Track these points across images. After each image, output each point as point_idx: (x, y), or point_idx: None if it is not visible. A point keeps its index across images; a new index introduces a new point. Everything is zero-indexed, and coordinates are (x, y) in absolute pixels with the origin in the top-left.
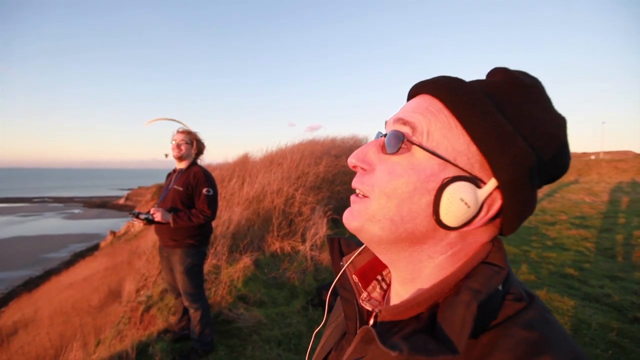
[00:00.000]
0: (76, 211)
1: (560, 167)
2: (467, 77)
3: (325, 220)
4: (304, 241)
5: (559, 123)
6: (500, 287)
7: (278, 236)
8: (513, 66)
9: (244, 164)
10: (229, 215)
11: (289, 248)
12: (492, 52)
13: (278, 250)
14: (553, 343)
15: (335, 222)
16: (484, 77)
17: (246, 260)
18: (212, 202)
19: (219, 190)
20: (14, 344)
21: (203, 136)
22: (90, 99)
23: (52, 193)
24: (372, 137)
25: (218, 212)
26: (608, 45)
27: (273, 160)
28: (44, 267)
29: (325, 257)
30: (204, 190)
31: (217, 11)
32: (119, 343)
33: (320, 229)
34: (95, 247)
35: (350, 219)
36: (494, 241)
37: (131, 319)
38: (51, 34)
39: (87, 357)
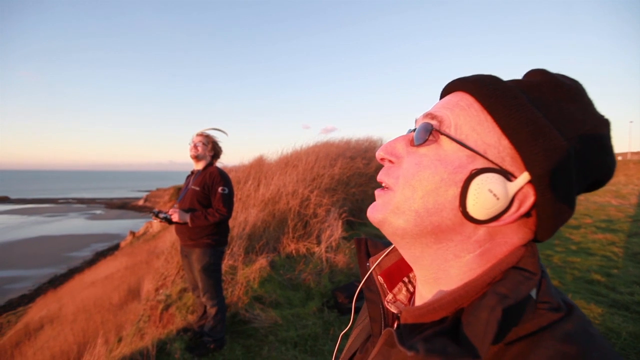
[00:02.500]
0: (98, 212)
1: (603, 170)
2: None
3: (340, 222)
4: (319, 243)
5: (601, 123)
6: (533, 295)
7: (293, 238)
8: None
9: (259, 166)
10: (245, 216)
11: (304, 250)
12: (522, 55)
13: (293, 251)
14: (594, 359)
15: (351, 224)
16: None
17: (262, 262)
18: (228, 200)
19: (235, 191)
20: (40, 339)
21: (221, 139)
22: (109, 102)
23: (76, 194)
24: (387, 138)
25: (234, 214)
26: (633, 45)
27: (288, 162)
28: (68, 265)
29: (340, 259)
30: (220, 189)
31: (232, 14)
32: (139, 340)
33: (335, 231)
34: (116, 247)
35: (374, 212)
36: (528, 245)
37: (151, 317)
38: (65, 35)
39: (110, 354)
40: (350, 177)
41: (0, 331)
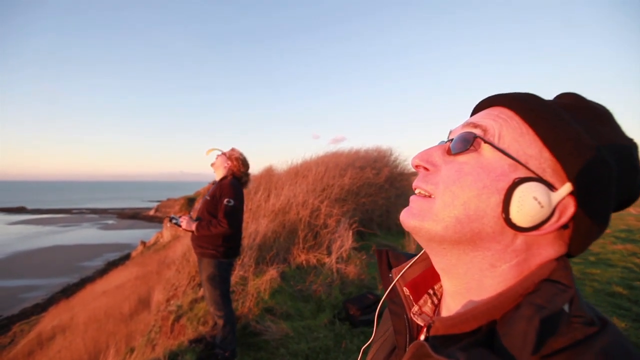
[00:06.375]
0: (110, 222)
1: (634, 189)
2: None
3: (350, 232)
4: (329, 254)
5: (630, 145)
6: (566, 309)
7: (304, 248)
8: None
9: (269, 176)
10: (256, 227)
11: (314, 260)
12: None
13: (304, 262)
14: None
15: (361, 235)
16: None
17: (272, 272)
18: (230, 213)
19: (246, 202)
20: (52, 348)
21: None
22: (122, 114)
23: (89, 205)
24: (396, 148)
25: (244, 224)
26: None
27: (298, 172)
28: (80, 274)
29: (351, 270)
30: (225, 201)
31: (241, 26)
32: (151, 351)
33: (345, 242)
34: (127, 257)
35: (409, 217)
36: (560, 259)
37: (162, 327)
38: (79, 47)
39: None
40: (360, 187)
41: (14, 340)
